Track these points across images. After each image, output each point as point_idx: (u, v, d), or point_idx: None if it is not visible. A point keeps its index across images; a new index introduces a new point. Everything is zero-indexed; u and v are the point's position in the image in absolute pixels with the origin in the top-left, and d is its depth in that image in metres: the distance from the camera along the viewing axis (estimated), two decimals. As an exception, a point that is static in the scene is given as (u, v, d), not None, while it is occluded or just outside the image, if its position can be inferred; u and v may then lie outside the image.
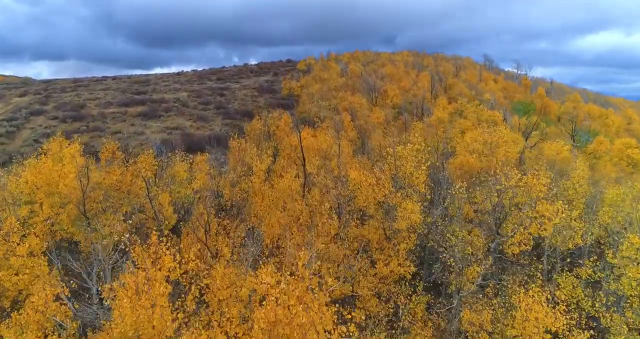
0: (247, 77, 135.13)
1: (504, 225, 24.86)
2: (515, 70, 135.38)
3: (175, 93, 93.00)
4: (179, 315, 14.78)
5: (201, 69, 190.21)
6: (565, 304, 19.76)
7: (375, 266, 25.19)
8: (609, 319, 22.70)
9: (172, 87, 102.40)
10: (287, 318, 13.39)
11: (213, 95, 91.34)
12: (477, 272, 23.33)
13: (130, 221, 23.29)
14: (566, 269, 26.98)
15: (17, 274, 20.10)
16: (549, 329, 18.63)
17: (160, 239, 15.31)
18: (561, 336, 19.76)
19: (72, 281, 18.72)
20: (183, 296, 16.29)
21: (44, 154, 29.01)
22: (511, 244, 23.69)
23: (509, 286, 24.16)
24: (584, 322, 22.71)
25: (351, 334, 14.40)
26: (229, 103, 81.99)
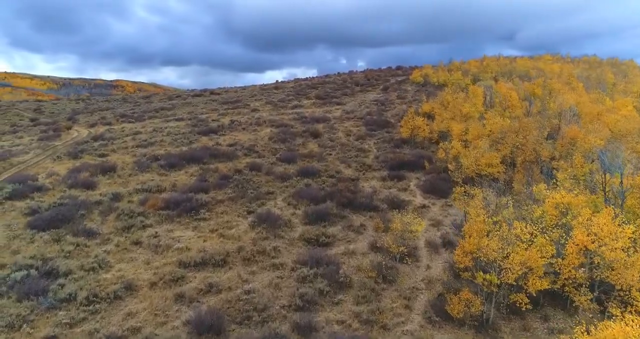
0: (351, 94, 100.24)
1: None
2: None
3: (255, 131, 61.25)
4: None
5: (305, 77, 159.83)
6: None
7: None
8: None
9: (256, 118, 70.88)
10: None
11: (304, 136, 58.07)
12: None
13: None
14: None
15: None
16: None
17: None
18: None
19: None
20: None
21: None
22: None
23: None
24: None
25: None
26: (322, 158, 48.04)
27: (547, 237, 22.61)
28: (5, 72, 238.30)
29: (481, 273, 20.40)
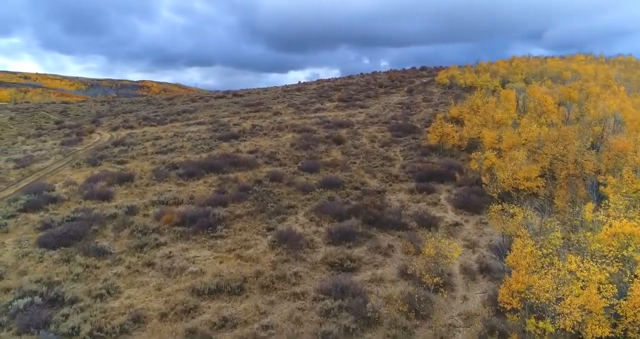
0: (374, 96, 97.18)
1: None
2: None
3: (277, 136, 59.17)
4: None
5: (327, 78, 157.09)
6: None
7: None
8: None
9: (278, 122, 68.77)
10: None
11: (327, 142, 55.62)
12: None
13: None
14: None
15: None
16: None
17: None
18: None
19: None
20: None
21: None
22: None
23: None
24: None
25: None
26: (346, 167, 45.50)
27: (607, 273, 19.49)
28: (37, 73, 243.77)
29: (533, 320, 17.51)
